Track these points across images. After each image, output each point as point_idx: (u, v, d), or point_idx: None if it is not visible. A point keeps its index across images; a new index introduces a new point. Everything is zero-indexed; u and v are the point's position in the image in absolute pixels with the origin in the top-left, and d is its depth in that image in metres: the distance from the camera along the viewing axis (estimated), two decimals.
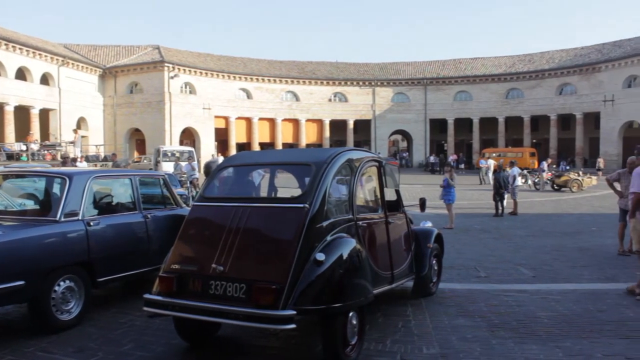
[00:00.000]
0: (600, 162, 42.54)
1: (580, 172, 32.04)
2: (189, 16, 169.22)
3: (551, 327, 6.04)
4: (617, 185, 10.94)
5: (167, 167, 30.00)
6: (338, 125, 60.46)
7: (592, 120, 53.36)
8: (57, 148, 32.82)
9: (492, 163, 34.45)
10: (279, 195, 6.17)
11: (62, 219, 5.98)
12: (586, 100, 52.43)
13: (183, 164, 25.05)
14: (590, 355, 5.15)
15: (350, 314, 4.90)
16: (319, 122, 60.08)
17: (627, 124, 49.91)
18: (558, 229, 14.61)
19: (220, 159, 27.65)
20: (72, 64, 45.61)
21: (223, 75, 54.15)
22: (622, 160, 45.21)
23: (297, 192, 5.23)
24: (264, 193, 6.34)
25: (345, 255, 4.91)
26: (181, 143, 49.43)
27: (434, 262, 7.36)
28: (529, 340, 5.57)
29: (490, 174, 32.15)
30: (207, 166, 9.72)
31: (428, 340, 5.57)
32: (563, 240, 12.65)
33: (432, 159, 52.55)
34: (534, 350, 5.28)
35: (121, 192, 7.41)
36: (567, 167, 43.07)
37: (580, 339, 5.62)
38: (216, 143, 53.92)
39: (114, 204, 7.32)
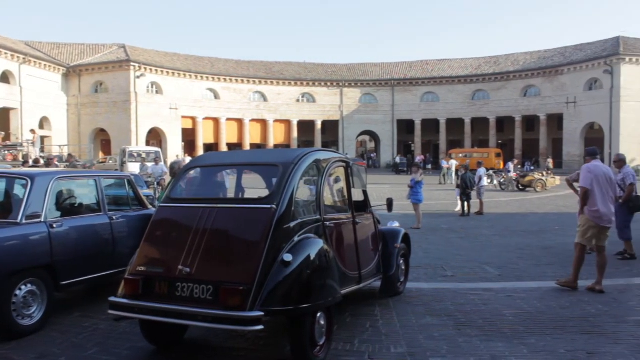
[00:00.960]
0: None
1: (544, 172, 32.66)
2: (155, 15, 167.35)
3: (516, 324, 6.14)
4: (577, 185, 11.17)
5: (133, 167, 29.60)
6: (306, 126, 60.53)
7: (556, 121, 54.48)
8: (19, 148, 32.04)
9: (453, 163, 34.94)
10: (246, 196, 6.12)
11: (24, 222, 5.83)
12: (550, 102, 53.52)
13: (149, 164, 24.73)
14: (554, 351, 5.25)
15: (318, 314, 4.90)
16: (287, 123, 60.07)
17: (589, 125, 51.09)
18: (523, 228, 14.86)
19: (187, 159, 27.39)
20: (34, 62, 44.71)
21: (190, 75, 53.73)
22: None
23: (265, 192, 5.21)
24: (231, 194, 6.28)
25: (312, 256, 4.91)
26: (148, 143, 48.85)
27: (402, 261, 7.40)
28: (495, 338, 5.64)
29: (453, 175, 32.63)
30: (172, 167, 9.61)
31: (396, 340, 5.60)
32: (528, 239, 12.86)
33: (399, 159, 52.99)
34: (500, 347, 5.36)
35: (86, 193, 7.27)
36: (532, 168, 43.85)
37: (544, 336, 5.73)
38: (183, 143, 53.45)
39: (78, 205, 7.17)
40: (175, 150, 48.30)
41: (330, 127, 62.12)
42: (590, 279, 8.12)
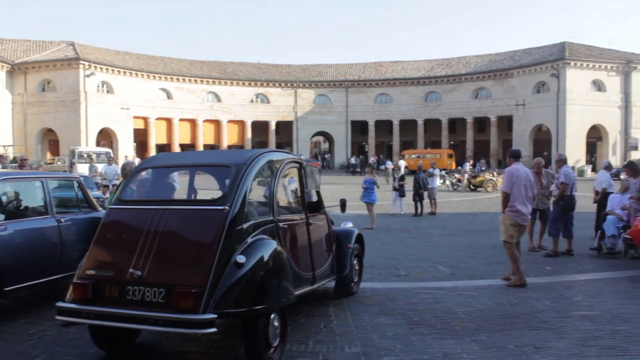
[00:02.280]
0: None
1: (495, 173, 33.40)
2: (106, 13, 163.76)
3: (467, 322, 6.26)
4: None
5: (83, 169, 28.91)
6: (260, 127, 60.31)
7: (505, 123, 55.76)
8: None
9: (402, 164, 35.44)
10: (199, 197, 6.05)
11: None
12: (500, 104, 54.76)
13: (99, 165, 24.19)
14: (503, 347, 5.38)
15: (272, 315, 4.88)
16: (241, 123, 59.71)
17: (537, 127, 52.51)
18: (474, 228, 15.15)
19: (137, 160, 26.85)
20: None
21: (142, 75, 52.79)
22: (532, 161, 47.29)
23: (217, 194, 5.16)
24: (183, 195, 6.20)
25: (266, 257, 4.89)
26: (98, 144, 47.73)
27: (355, 262, 7.44)
28: (447, 336, 5.74)
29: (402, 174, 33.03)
30: (124, 168, 9.42)
31: (350, 340, 5.63)
32: (479, 238, 13.12)
33: (353, 160, 53.30)
34: (452, 345, 5.45)
35: (32, 195, 7.05)
36: (483, 169, 44.78)
37: (494, 332, 5.86)
38: (135, 144, 52.48)
39: (23, 208, 6.95)
40: (126, 151, 47.37)
41: (285, 128, 62.03)
42: (539, 275, 8.34)
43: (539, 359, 5.07)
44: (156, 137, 54.18)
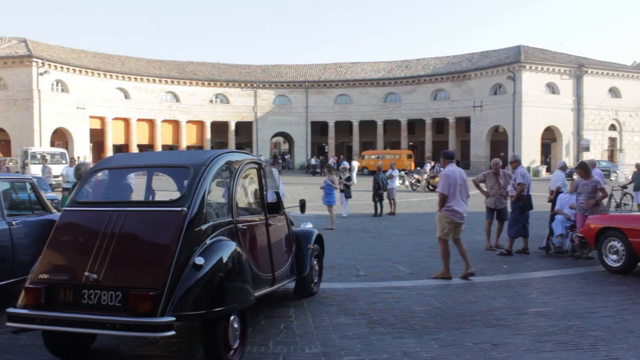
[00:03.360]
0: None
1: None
2: (60, 9, 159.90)
3: (427, 320, 6.33)
4: (483, 186, 11.70)
5: (36, 170, 28.15)
6: (219, 127, 59.83)
7: (463, 124, 56.66)
8: None
9: (355, 165, 35.67)
10: (157, 198, 5.96)
11: None
12: (458, 105, 55.61)
13: (52, 166, 23.58)
14: (462, 345, 5.47)
15: (232, 317, 4.84)
16: (200, 124, 59.13)
17: (494, 128, 53.52)
18: (433, 227, 15.10)
19: (89, 161, 26.27)
20: None
21: (99, 74, 51.68)
22: (489, 162, 48.28)
23: (176, 195, 5.09)
24: (140, 196, 6.10)
25: (225, 259, 4.85)
26: (52, 144, 46.50)
27: (315, 262, 7.45)
28: (407, 335, 5.79)
29: (354, 175, 33.22)
30: (78, 168, 9.22)
31: (310, 340, 5.63)
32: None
33: (313, 161, 53.35)
34: (411, 343, 5.50)
35: None
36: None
37: (453, 330, 5.95)
38: (91, 144, 51.38)
39: None
40: (82, 152, 46.36)
41: (244, 129, 61.69)
42: (496, 274, 8.50)
43: (496, 355, 5.17)
44: (113, 138, 53.16)
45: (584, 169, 10.62)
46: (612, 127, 54.21)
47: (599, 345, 5.46)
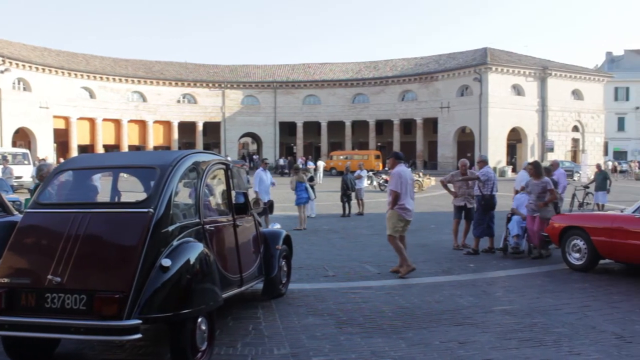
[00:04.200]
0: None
1: (421, 174, 34.18)
2: (22, 5, 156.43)
3: (395, 320, 6.38)
4: (451, 186, 11.84)
5: None
6: (187, 127, 59.33)
7: (431, 125, 57.22)
8: None
9: (321, 165, 35.79)
10: (123, 200, 5.87)
11: None
12: (425, 106, 56.15)
13: (14, 167, 23.07)
14: (429, 343, 5.52)
15: (199, 319, 4.80)
16: (168, 124, 58.54)
17: (461, 129, 54.21)
18: None
19: (50, 162, 25.69)
20: None
21: (63, 72, 50.69)
22: (457, 162, 48.85)
23: (142, 196, 5.03)
24: (106, 198, 6.00)
25: (192, 260, 4.81)
26: (14, 145, 45.41)
27: (283, 263, 7.44)
28: (375, 334, 5.82)
29: (320, 175, 33.32)
30: (40, 169, 9.04)
31: (279, 341, 5.61)
32: (405, 237, 13.34)
33: (281, 161, 53.24)
34: (380, 343, 5.53)
35: None
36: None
37: (421, 329, 6.00)
38: (55, 145, 50.36)
39: None
40: (46, 152, 45.39)
41: (212, 129, 61.28)
42: (462, 273, 8.60)
43: (463, 353, 5.23)
44: (78, 138, 52.24)
45: (536, 168, 10.61)
46: (575, 129, 55.46)
47: (562, 341, 5.59)
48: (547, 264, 9.91)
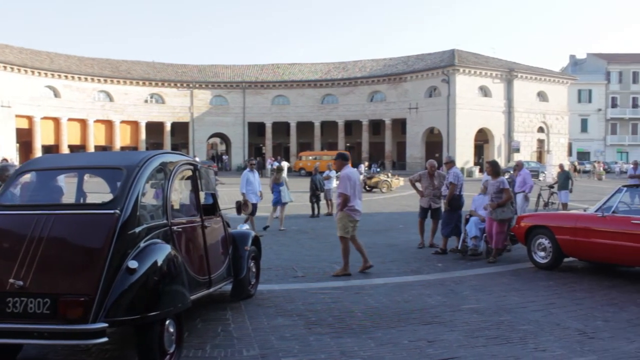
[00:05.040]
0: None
1: (389, 174, 34.41)
2: None
3: (364, 319, 6.40)
4: (419, 185, 11.95)
5: None
6: (155, 128, 58.69)
7: (399, 126, 57.68)
8: None
9: (285, 165, 35.78)
10: (88, 201, 5.77)
11: None
12: (394, 107, 56.55)
13: None
14: (398, 343, 5.56)
15: (167, 321, 4.75)
16: (135, 124, 57.81)
17: (429, 129, 54.75)
18: (370, 227, 15.49)
19: (13, 163, 25.13)
20: None
21: (26, 70, 49.63)
22: (425, 163, 49.32)
23: (108, 197, 4.94)
24: (70, 199, 5.89)
25: (159, 262, 4.75)
26: None
27: (252, 264, 7.40)
28: (344, 334, 5.83)
29: (285, 175, 33.24)
30: (4, 170, 8.82)
31: (248, 342, 5.59)
32: (374, 237, 13.44)
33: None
34: (349, 343, 5.55)
35: None
36: (378, 170, 45.99)
37: (390, 329, 6.04)
38: (18, 145, 49.26)
39: None
40: (8, 153, 44.34)
41: (180, 129, 60.72)
42: (431, 272, 8.68)
43: (431, 352, 5.28)
44: (42, 138, 51.20)
45: (493, 167, 10.48)
46: (541, 130, 56.53)
47: (528, 338, 5.69)
48: (514, 262, 10.06)
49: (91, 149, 52.58)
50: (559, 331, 5.93)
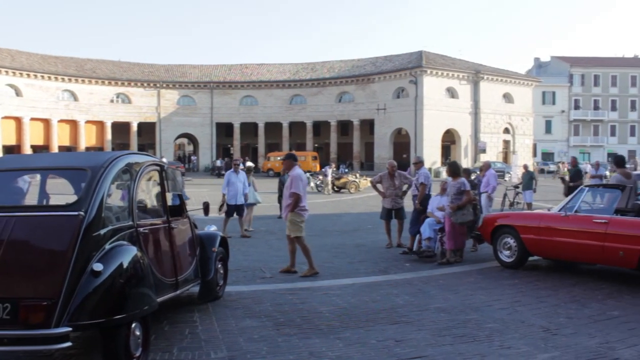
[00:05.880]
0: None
1: (357, 174, 34.56)
2: None
3: (332, 320, 6.41)
4: (380, 187, 12.03)
5: None
6: (121, 128, 57.88)
7: (368, 126, 57.97)
8: None
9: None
10: (51, 202, 5.65)
11: None
12: (362, 108, 56.82)
13: None
14: (366, 342, 5.59)
15: (133, 324, 4.68)
16: (100, 124, 56.91)
17: (397, 130, 55.17)
18: (338, 228, 15.55)
19: None
20: None
21: None
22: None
23: (72, 198, 4.85)
24: (33, 201, 5.76)
25: (125, 264, 4.69)
26: None
27: (220, 265, 7.35)
28: (313, 335, 5.84)
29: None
30: None
31: (216, 345, 5.54)
32: (342, 238, 13.48)
33: (218, 162, 52.75)
34: (317, 343, 5.55)
35: None
36: (346, 170, 46.15)
37: (358, 329, 6.06)
38: None
39: None
40: None
41: (147, 130, 60.00)
42: (399, 272, 8.74)
43: (399, 351, 5.32)
44: (3, 138, 49.98)
45: (453, 168, 10.42)
46: (506, 131, 57.45)
47: (494, 336, 5.77)
48: (480, 262, 10.19)
49: (55, 150, 51.57)
50: (523, 328, 6.04)
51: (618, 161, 11.14)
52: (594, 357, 5.13)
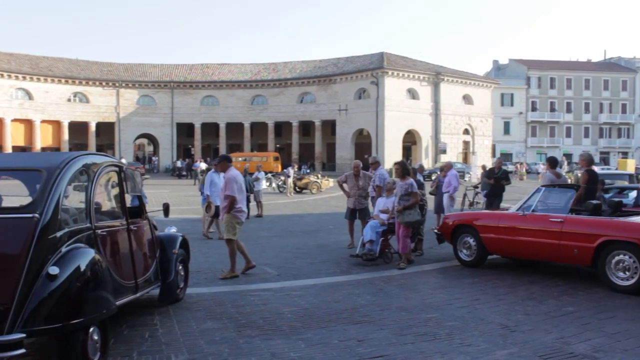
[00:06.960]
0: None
1: (319, 175, 34.62)
2: None
3: (294, 321, 6.40)
4: (345, 186, 12.08)
5: None
6: (79, 128, 56.69)
7: (329, 127, 58.19)
8: None
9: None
10: (5, 204, 5.49)
11: None
12: (324, 109, 56.98)
13: None
14: (328, 342, 5.60)
15: (91, 329, 4.59)
16: (57, 124, 55.63)
17: (358, 131, 55.51)
18: (300, 229, 15.54)
19: None
20: None
21: None
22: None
23: (27, 200, 4.73)
24: None
25: (82, 267, 4.59)
26: None
27: (181, 267, 7.26)
28: (275, 336, 5.82)
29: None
30: None
31: (177, 348, 5.48)
32: (304, 238, 13.48)
33: (179, 163, 52.18)
34: (279, 344, 5.53)
35: None
36: (308, 171, 46.20)
37: (320, 329, 6.06)
38: None
39: None
40: None
41: (106, 130, 58.95)
42: (361, 272, 8.78)
43: (361, 350, 5.34)
44: None
45: (402, 167, 10.23)
46: (466, 132, 58.39)
47: (455, 334, 5.85)
48: (440, 261, 10.31)
49: (8, 150, 50.17)
50: (483, 326, 6.14)
51: (552, 162, 11.86)
52: (550, 353, 5.25)
